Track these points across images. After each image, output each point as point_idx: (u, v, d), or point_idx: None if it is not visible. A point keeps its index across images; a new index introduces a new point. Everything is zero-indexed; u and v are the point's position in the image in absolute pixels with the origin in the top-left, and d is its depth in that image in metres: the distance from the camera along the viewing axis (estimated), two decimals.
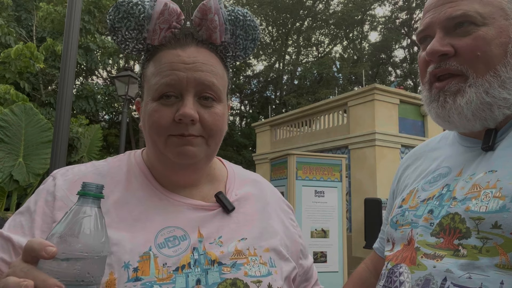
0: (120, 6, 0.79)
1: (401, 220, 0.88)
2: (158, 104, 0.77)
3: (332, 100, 11.54)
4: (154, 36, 0.79)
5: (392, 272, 0.82)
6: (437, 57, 0.81)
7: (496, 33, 0.77)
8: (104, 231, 0.59)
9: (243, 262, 0.79)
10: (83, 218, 0.57)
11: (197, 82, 0.77)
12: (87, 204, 0.59)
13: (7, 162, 6.67)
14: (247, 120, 27.26)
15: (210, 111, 0.79)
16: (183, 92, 0.77)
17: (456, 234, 0.73)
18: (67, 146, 3.49)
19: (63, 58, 3.50)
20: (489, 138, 0.80)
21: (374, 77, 27.69)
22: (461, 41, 0.79)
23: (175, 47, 0.79)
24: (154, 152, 0.83)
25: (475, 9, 0.78)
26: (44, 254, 0.52)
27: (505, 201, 0.68)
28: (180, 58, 0.77)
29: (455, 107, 0.79)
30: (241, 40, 0.85)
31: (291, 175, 4.71)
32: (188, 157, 0.79)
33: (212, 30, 0.80)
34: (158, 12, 0.77)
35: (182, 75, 0.76)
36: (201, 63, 0.78)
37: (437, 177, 0.88)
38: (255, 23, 0.86)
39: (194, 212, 0.82)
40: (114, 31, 0.81)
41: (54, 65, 12.20)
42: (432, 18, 0.83)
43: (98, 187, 0.60)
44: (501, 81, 0.77)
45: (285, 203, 1.01)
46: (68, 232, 0.55)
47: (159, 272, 0.72)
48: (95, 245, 0.57)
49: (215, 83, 0.79)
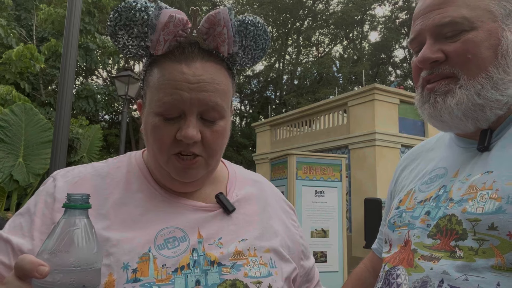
0: (122, 12, 0.75)
1: (399, 222, 0.88)
2: (161, 120, 0.76)
3: (332, 100, 11.54)
4: (158, 47, 0.76)
5: (389, 274, 0.82)
6: (428, 64, 0.82)
7: (485, 36, 0.77)
8: (95, 241, 0.58)
9: (243, 263, 0.78)
10: (72, 231, 0.56)
11: (201, 103, 0.75)
12: (74, 216, 0.57)
13: (7, 162, 6.67)
14: (247, 120, 27.25)
15: (212, 130, 0.78)
16: (186, 111, 0.75)
17: (452, 236, 0.73)
18: (67, 146, 3.49)
19: (63, 58, 3.50)
20: (484, 139, 0.80)
21: (374, 77, 27.66)
22: (450, 46, 0.79)
23: (179, 61, 0.75)
24: (155, 164, 0.82)
25: (462, 14, 0.78)
26: (36, 274, 0.51)
27: (501, 202, 0.68)
28: (184, 76, 0.74)
29: (445, 107, 0.80)
30: (250, 50, 0.82)
31: (291, 175, 4.71)
32: (188, 178, 0.80)
33: (220, 43, 0.77)
34: (163, 24, 0.74)
35: (186, 95, 0.74)
36: (206, 82, 0.75)
37: (433, 178, 0.88)
38: (266, 33, 0.82)
39: (194, 213, 0.82)
40: (115, 37, 0.78)
41: (55, 65, 12.19)
42: (421, 26, 0.83)
43: (84, 198, 0.58)
44: (493, 83, 0.77)
45: (286, 204, 1.01)
46: (58, 247, 0.54)
47: (158, 273, 0.72)
48: (88, 257, 0.55)
49: (219, 102, 0.77)
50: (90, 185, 0.81)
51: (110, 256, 0.71)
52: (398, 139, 9.92)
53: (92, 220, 0.75)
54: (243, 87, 27.43)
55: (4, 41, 10.19)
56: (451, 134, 0.94)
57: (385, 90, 10.12)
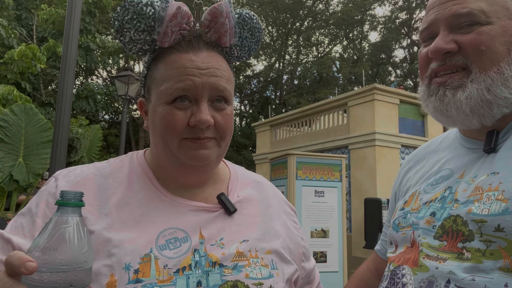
0: (129, 6, 0.77)
1: (403, 222, 0.88)
2: (172, 107, 0.77)
3: (332, 100, 11.53)
4: (165, 39, 0.78)
5: (394, 273, 0.82)
6: (441, 55, 0.81)
7: (500, 31, 0.77)
8: (86, 240, 0.57)
9: (244, 264, 0.78)
10: (63, 229, 0.55)
11: (212, 88, 0.78)
12: (67, 213, 0.56)
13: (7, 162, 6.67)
14: (247, 120, 27.25)
15: (222, 114, 0.80)
16: (198, 97, 0.77)
17: (459, 237, 0.73)
18: (67, 146, 3.49)
19: (63, 58, 3.50)
20: (491, 140, 0.80)
21: (374, 77, 27.66)
22: (464, 37, 0.79)
23: (187, 51, 0.79)
24: (165, 153, 0.82)
25: (480, 7, 0.78)
26: (23, 270, 0.51)
27: (507, 203, 0.68)
28: (194, 63, 0.77)
29: (454, 101, 0.79)
30: (247, 42, 0.86)
31: (291, 175, 4.70)
32: (201, 160, 0.80)
33: (222, 33, 0.80)
34: (171, 15, 0.76)
35: (198, 80, 0.76)
36: (214, 68, 0.79)
37: (439, 179, 0.88)
38: (260, 25, 0.87)
39: (196, 213, 0.82)
40: (122, 32, 0.79)
41: (55, 65, 12.19)
42: (436, 15, 0.83)
43: (77, 195, 0.58)
44: (504, 79, 0.76)
45: (288, 205, 1.01)
46: (47, 245, 0.53)
47: (160, 274, 0.72)
48: (77, 257, 0.55)
49: (227, 87, 0.80)
50: (93, 185, 0.81)
51: (112, 257, 0.71)
52: (398, 139, 9.91)
53: (94, 219, 0.75)
54: (243, 87, 27.43)
55: (5, 42, 10.20)
56: (456, 134, 0.93)
57: (385, 90, 10.11)
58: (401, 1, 27.51)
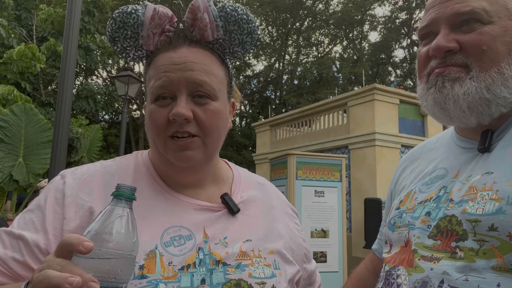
0: (116, 17, 0.82)
1: (399, 222, 0.88)
2: (155, 106, 0.80)
3: (332, 100, 11.53)
4: (148, 42, 0.81)
5: (389, 274, 0.82)
6: (442, 53, 0.81)
7: (501, 31, 0.77)
8: (135, 231, 0.61)
9: (247, 263, 0.79)
10: (117, 218, 0.59)
11: (188, 82, 0.78)
12: (121, 204, 0.60)
13: (7, 162, 6.67)
14: (247, 120, 27.25)
15: (204, 108, 0.79)
16: (176, 92, 0.78)
17: (453, 236, 0.73)
18: (67, 146, 3.49)
19: (63, 58, 3.50)
20: (485, 140, 0.80)
21: (374, 77, 27.66)
22: (466, 37, 0.79)
23: (168, 50, 0.81)
24: (156, 153, 0.85)
25: (482, 6, 0.78)
26: (81, 248, 0.53)
27: (501, 203, 0.68)
28: (171, 59, 0.79)
29: (452, 94, 0.79)
30: (235, 35, 0.84)
31: (291, 175, 4.71)
32: (186, 161, 0.80)
33: (203, 28, 0.81)
34: (149, 18, 0.79)
35: (173, 76, 0.78)
36: (191, 62, 0.79)
37: (434, 179, 0.88)
38: (248, 16, 0.83)
39: (200, 212, 0.83)
40: (113, 41, 0.84)
41: (55, 65, 12.19)
42: (437, 14, 0.83)
43: (132, 189, 0.62)
44: (504, 79, 0.76)
45: (290, 207, 1.02)
46: (103, 230, 0.57)
47: (165, 271, 0.73)
48: (128, 244, 0.58)
49: (207, 81, 0.79)
50: (100, 182, 0.82)
51: None
52: (398, 139, 9.91)
53: None
54: (243, 87, 27.41)
55: (5, 42, 10.20)
56: (452, 134, 0.93)
57: (385, 90, 10.11)
58: (401, 1, 27.52)
